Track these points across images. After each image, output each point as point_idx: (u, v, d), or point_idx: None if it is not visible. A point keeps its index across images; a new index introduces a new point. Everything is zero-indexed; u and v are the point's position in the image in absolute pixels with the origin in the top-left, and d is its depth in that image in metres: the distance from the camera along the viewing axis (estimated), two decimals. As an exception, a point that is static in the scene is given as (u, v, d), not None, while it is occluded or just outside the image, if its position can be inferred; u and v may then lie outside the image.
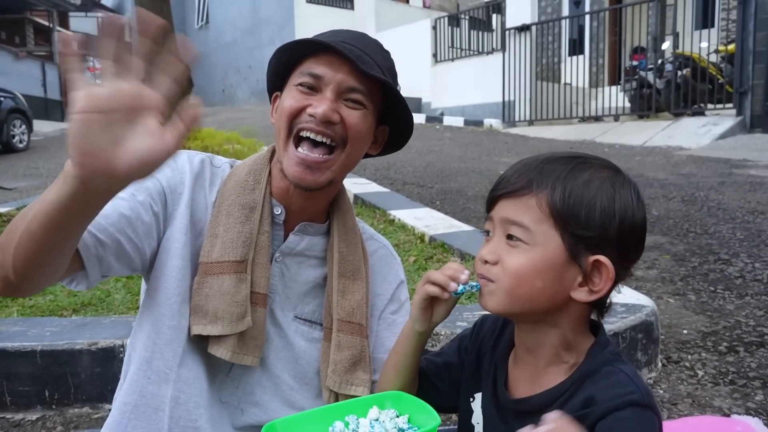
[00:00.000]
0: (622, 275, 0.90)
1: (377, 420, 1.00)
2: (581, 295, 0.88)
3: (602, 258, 0.86)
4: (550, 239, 0.86)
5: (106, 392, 2.28)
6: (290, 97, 1.15)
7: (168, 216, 1.16)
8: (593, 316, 0.96)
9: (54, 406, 2.31)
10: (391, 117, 1.24)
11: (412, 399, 0.99)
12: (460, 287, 0.97)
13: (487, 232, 0.94)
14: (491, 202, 0.93)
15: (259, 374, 1.21)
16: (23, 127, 13.07)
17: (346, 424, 1.00)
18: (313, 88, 1.13)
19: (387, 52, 1.23)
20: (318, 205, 1.25)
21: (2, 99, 12.48)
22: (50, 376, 2.29)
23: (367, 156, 1.29)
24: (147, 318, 1.17)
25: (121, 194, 1.04)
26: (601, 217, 0.86)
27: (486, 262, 0.90)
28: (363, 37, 1.20)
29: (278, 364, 1.22)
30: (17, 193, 6.88)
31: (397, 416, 0.99)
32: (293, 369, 1.24)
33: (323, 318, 1.25)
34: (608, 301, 0.94)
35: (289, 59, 1.18)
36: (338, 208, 1.28)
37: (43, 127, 16.86)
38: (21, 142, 12.91)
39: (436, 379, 1.10)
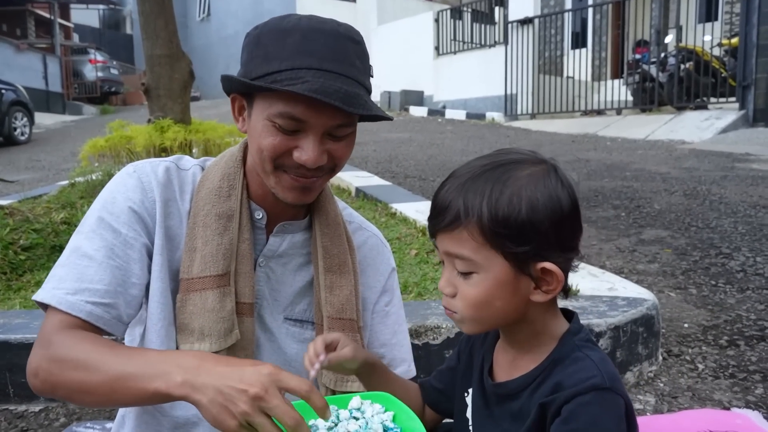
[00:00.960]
0: (572, 257, 0.91)
1: (359, 409, 1.00)
2: (539, 297, 0.91)
3: (547, 265, 0.88)
4: (494, 262, 0.88)
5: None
6: (269, 135, 1.04)
7: (151, 240, 1.12)
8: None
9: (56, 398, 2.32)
10: None
11: (399, 404, 0.99)
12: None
13: (442, 261, 0.95)
14: (431, 232, 0.94)
15: None
16: (25, 119, 13.08)
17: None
18: (294, 130, 1.04)
19: (361, 46, 1.09)
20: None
21: (3, 91, 12.48)
22: (53, 368, 2.30)
23: None
24: (138, 344, 1.17)
25: (103, 238, 1.07)
26: (534, 228, 0.86)
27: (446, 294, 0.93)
28: (339, 47, 1.04)
29: None
30: (19, 185, 6.89)
31: (383, 412, 0.99)
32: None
33: (314, 315, 1.22)
34: (568, 285, 0.95)
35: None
36: (318, 201, 1.22)
37: (44, 119, 16.87)
38: (22, 134, 12.93)
39: (445, 386, 1.13)
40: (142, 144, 4.79)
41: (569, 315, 0.99)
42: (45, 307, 1.05)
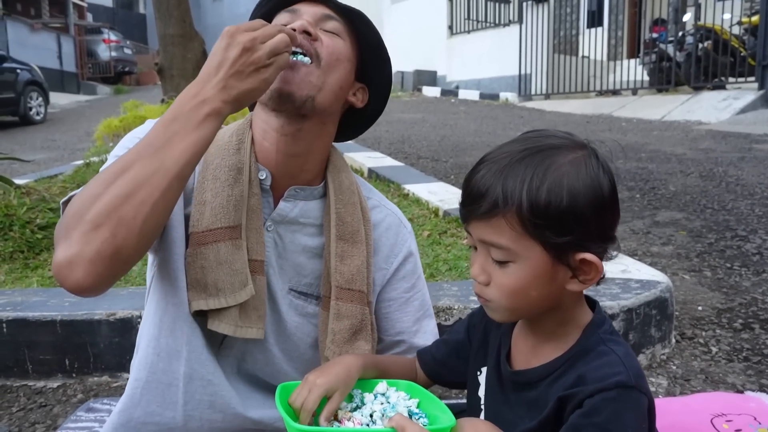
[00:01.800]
0: (609, 245, 0.90)
1: (384, 395, 1.00)
2: (575, 286, 0.88)
3: (587, 256, 0.85)
4: (532, 251, 0.85)
5: (124, 362, 2.32)
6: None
7: None
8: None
9: (74, 375, 2.36)
10: (369, 76, 1.21)
11: (425, 392, 1.00)
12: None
13: (473, 247, 0.93)
14: (463, 219, 0.91)
15: (251, 345, 1.17)
16: (40, 99, 13.16)
17: (349, 398, 1.00)
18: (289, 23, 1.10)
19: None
20: (306, 164, 1.17)
21: (18, 71, 12.55)
22: (70, 346, 2.34)
23: (352, 111, 1.23)
24: (153, 294, 1.15)
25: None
26: (575, 218, 0.83)
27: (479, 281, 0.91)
28: None
29: (269, 338, 1.18)
30: (35, 165, 6.95)
31: (408, 399, 0.99)
32: (284, 343, 1.20)
33: (322, 287, 1.19)
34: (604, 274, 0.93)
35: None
36: (333, 167, 1.21)
37: (59, 99, 16.96)
38: (38, 114, 13.02)
39: (447, 357, 1.12)
40: (155, 124, 4.81)
41: (590, 303, 0.97)
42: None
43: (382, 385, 1.02)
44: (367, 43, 1.17)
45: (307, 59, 1.07)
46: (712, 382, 2.25)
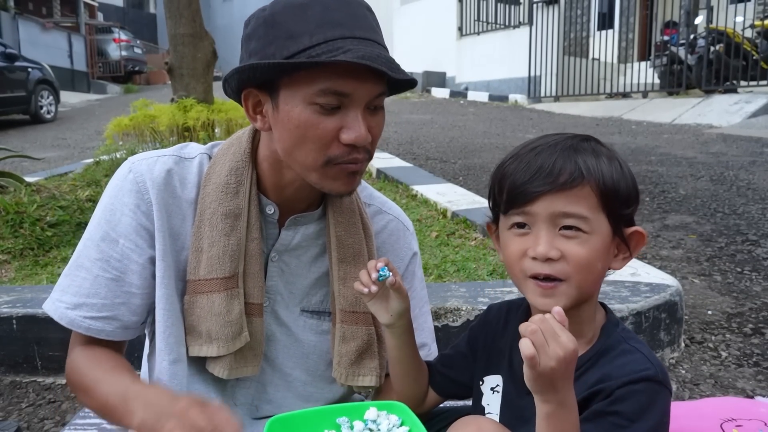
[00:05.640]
0: None
1: (374, 421, 0.98)
2: (619, 263, 0.94)
3: (639, 229, 0.93)
4: (602, 222, 0.90)
5: (131, 360, 2.32)
6: (312, 122, 0.96)
7: (153, 246, 1.07)
8: None
9: (82, 372, 2.37)
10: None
11: (414, 418, 0.97)
12: (380, 274, 1.01)
13: (523, 225, 0.91)
14: (527, 196, 0.89)
15: (269, 374, 1.18)
16: (50, 98, 13.23)
17: (338, 428, 0.98)
18: (336, 107, 0.97)
19: (373, 15, 1.03)
20: (312, 191, 1.12)
21: (30, 70, 12.62)
22: (79, 343, 2.35)
23: None
24: (150, 352, 1.17)
25: (100, 249, 1.06)
26: (634, 194, 0.93)
27: (548, 259, 0.88)
28: (361, 15, 0.99)
29: (289, 362, 1.18)
30: (45, 163, 7.00)
31: (400, 425, 0.97)
32: (304, 364, 1.19)
33: (330, 306, 1.18)
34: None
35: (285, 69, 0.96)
36: None
37: (69, 98, 17.06)
38: (48, 112, 13.09)
39: (448, 369, 1.14)
40: (165, 123, 4.83)
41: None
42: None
43: (372, 411, 0.99)
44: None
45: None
46: (721, 386, 2.23)
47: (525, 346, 0.75)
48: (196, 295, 1.07)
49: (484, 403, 1.04)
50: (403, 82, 1.02)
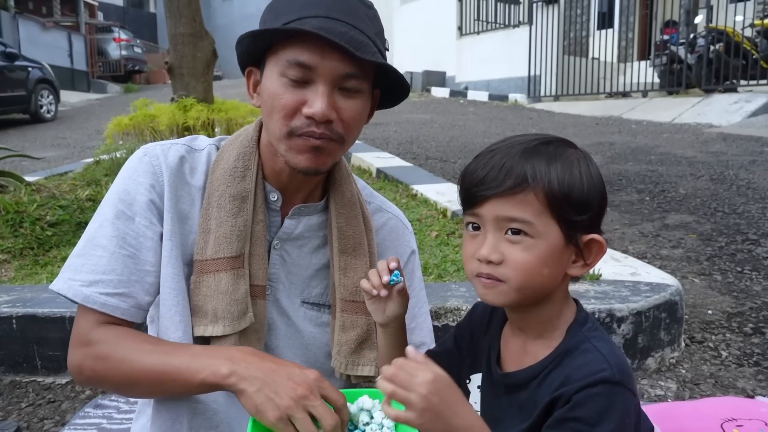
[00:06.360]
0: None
1: (369, 410, 0.99)
2: (577, 270, 0.93)
3: (597, 237, 0.91)
4: (550, 229, 0.88)
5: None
6: (279, 94, 1.03)
7: (162, 224, 1.11)
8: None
9: (82, 371, 2.37)
10: (381, 77, 1.12)
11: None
12: (392, 279, 1.02)
13: (476, 227, 0.93)
14: (476, 199, 0.91)
15: None
16: (50, 97, 13.22)
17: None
18: (303, 80, 1.02)
19: (372, 11, 1.09)
20: (316, 182, 1.18)
21: (30, 69, 12.62)
22: (79, 342, 2.35)
23: None
24: (153, 331, 1.17)
25: (116, 227, 1.08)
26: (589, 201, 0.90)
27: (489, 262, 0.90)
28: (349, 3, 1.05)
29: (288, 352, 1.19)
30: (45, 162, 7.00)
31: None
32: (304, 355, 1.21)
33: (330, 298, 1.21)
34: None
35: (266, 42, 1.06)
36: (334, 181, 1.21)
37: (69, 97, 17.05)
38: (48, 112, 13.09)
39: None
40: (165, 123, 4.83)
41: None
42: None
43: (365, 400, 1.00)
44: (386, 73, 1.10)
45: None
46: (721, 386, 2.23)
47: (383, 387, 0.82)
48: (203, 275, 1.10)
49: (471, 401, 1.04)
50: (398, 90, 1.09)
